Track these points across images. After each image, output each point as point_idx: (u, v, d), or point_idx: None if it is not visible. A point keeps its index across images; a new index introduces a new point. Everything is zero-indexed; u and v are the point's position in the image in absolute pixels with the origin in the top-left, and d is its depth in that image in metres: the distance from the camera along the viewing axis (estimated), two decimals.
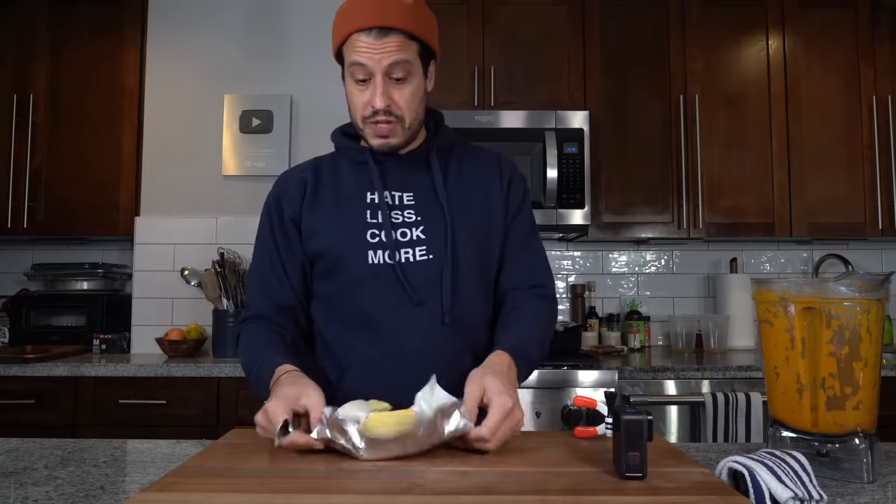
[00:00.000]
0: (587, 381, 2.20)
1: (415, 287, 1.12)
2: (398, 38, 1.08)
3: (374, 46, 1.07)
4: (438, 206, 1.16)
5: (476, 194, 1.21)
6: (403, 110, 1.11)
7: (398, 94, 1.10)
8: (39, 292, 2.87)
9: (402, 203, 1.17)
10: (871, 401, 0.92)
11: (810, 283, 0.94)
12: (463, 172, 1.23)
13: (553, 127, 2.55)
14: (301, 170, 1.24)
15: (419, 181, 1.19)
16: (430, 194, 1.17)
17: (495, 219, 1.21)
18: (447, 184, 1.19)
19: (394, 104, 1.10)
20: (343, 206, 1.17)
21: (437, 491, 0.74)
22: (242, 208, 2.79)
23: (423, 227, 1.15)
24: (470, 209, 1.19)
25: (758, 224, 2.68)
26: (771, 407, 0.99)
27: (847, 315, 0.91)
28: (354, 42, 1.08)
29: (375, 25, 1.06)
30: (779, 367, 0.97)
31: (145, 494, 0.72)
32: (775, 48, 2.72)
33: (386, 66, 1.08)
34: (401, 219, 1.15)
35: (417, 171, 1.19)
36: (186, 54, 2.85)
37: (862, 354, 0.92)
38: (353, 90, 1.12)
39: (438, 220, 1.15)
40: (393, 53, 1.07)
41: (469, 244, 1.16)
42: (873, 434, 0.92)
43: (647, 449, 0.79)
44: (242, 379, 2.28)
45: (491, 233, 1.20)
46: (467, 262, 1.15)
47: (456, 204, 1.18)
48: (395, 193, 1.17)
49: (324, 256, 1.16)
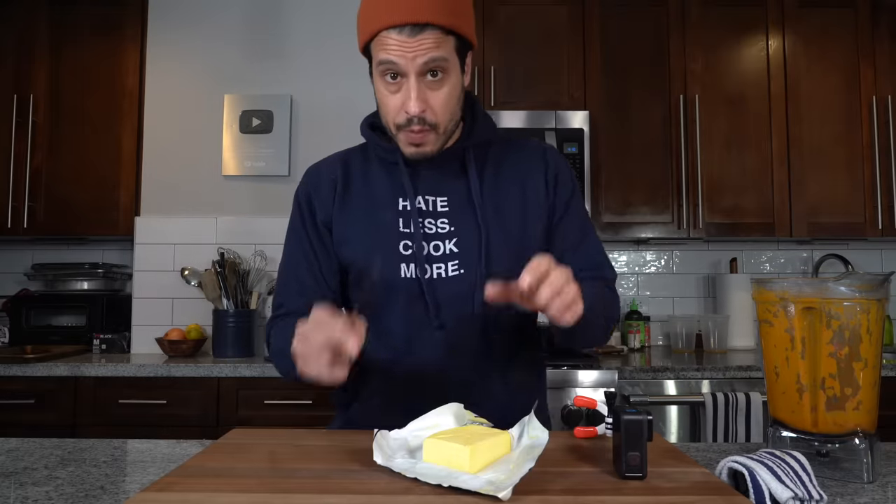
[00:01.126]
0: (587, 381, 2.20)
1: (443, 305, 1.07)
2: (434, 34, 0.97)
3: (407, 45, 0.97)
4: (473, 215, 1.09)
5: (514, 195, 1.12)
6: (438, 116, 1.03)
7: (434, 98, 1.01)
8: (39, 292, 2.87)
9: (436, 210, 1.10)
10: (871, 401, 0.92)
11: (810, 283, 0.94)
12: (501, 172, 1.14)
13: (553, 127, 2.55)
14: (331, 168, 1.16)
15: (454, 184, 1.11)
16: (465, 200, 1.10)
17: (535, 220, 1.12)
18: (483, 187, 1.11)
19: (429, 109, 1.01)
20: (374, 213, 1.10)
21: (437, 491, 0.74)
22: (242, 208, 2.79)
23: (457, 238, 1.08)
24: (506, 213, 1.11)
25: (758, 224, 2.68)
26: (771, 407, 0.99)
27: (847, 315, 0.91)
28: (384, 39, 0.98)
29: (408, 22, 0.96)
30: (779, 368, 0.97)
31: (145, 494, 0.72)
32: (775, 48, 2.72)
33: (420, 64, 0.98)
34: (434, 229, 1.08)
35: (452, 173, 1.11)
36: (186, 54, 2.85)
37: (862, 355, 0.91)
38: (384, 91, 1.03)
39: (473, 230, 1.08)
40: (429, 51, 0.98)
41: (504, 253, 1.08)
42: (873, 434, 0.92)
43: (647, 449, 0.79)
44: (242, 379, 2.28)
45: (528, 235, 1.12)
46: (502, 274, 1.09)
47: (491, 208, 1.10)
48: (429, 198, 1.10)
49: (354, 265, 1.11)
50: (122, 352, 2.67)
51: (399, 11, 0.96)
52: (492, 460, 0.79)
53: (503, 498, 0.69)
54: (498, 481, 0.73)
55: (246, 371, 2.28)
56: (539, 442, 0.81)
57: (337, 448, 0.92)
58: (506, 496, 0.69)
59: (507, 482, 0.71)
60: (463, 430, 0.84)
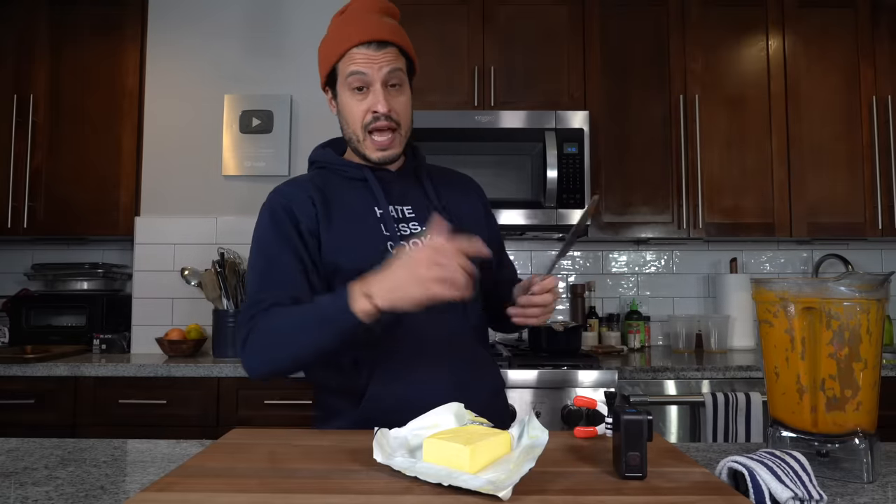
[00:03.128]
0: (587, 381, 2.20)
1: None
2: (394, 50, 1.18)
3: (374, 57, 1.16)
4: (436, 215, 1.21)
5: (463, 208, 1.31)
6: (401, 116, 1.20)
7: (396, 102, 1.19)
8: (39, 292, 2.87)
9: (405, 216, 1.23)
10: (871, 401, 0.92)
11: (810, 283, 0.94)
12: (446, 186, 1.32)
13: (553, 127, 2.55)
14: (301, 189, 1.21)
15: (415, 196, 1.26)
16: (427, 206, 1.25)
17: (481, 230, 1.26)
18: (439, 194, 1.29)
19: (393, 110, 1.18)
20: (358, 222, 1.20)
21: (437, 491, 0.74)
22: (242, 208, 2.79)
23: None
24: (461, 216, 1.27)
25: (758, 224, 2.68)
26: (771, 407, 0.99)
27: (847, 315, 0.91)
28: (353, 55, 1.16)
29: (374, 39, 1.16)
30: (779, 368, 0.97)
31: (145, 494, 0.72)
32: (775, 48, 2.72)
33: (385, 73, 1.16)
34: (408, 230, 1.21)
35: (411, 187, 1.27)
36: (186, 54, 2.85)
37: (862, 355, 0.91)
38: (351, 101, 1.19)
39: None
40: (391, 63, 1.17)
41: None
42: (873, 434, 0.92)
43: (647, 449, 0.79)
44: (242, 379, 2.28)
45: (482, 238, 1.23)
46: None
47: (448, 212, 1.26)
48: (398, 207, 1.24)
49: (346, 271, 1.13)
50: (122, 352, 2.67)
51: (367, 31, 1.16)
52: (492, 460, 0.79)
53: (503, 497, 0.69)
54: (498, 481, 0.73)
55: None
56: (539, 442, 0.82)
57: (337, 448, 0.92)
58: (506, 496, 0.69)
59: (506, 482, 0.72)
60: (463, 430, 0.84)
